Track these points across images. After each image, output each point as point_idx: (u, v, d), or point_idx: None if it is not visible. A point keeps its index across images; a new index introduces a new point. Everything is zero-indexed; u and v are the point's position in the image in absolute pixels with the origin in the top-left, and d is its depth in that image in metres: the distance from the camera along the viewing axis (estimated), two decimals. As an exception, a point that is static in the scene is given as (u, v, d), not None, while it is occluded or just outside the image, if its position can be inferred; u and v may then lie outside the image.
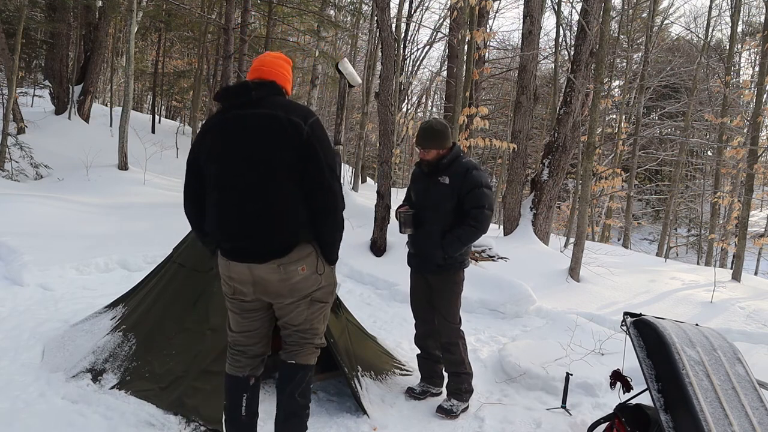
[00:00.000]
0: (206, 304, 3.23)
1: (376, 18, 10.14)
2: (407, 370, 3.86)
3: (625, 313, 3.00)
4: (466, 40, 9.46)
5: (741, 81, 16.31)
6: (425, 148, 3.33)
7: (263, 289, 2.35)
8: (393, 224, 7.02)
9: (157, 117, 17.38)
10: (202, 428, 2.82)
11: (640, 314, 2.97)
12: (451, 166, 3.31)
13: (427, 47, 20.25)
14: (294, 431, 2.45)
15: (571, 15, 17.43)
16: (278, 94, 2.40)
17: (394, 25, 9.65)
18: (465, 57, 9.67)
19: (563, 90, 9.57)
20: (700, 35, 16.78)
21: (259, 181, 2.25)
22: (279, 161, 2.25)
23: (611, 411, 3.05)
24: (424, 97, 23.86)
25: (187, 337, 3.16)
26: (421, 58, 20.41)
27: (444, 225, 3.30)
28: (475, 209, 3.25)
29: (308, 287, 2.37)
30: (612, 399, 3.37)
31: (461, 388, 3.42)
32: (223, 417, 2.53)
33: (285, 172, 2.26)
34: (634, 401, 3.00)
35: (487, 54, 15.73)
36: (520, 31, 12.01)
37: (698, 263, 16.00)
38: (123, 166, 10.55)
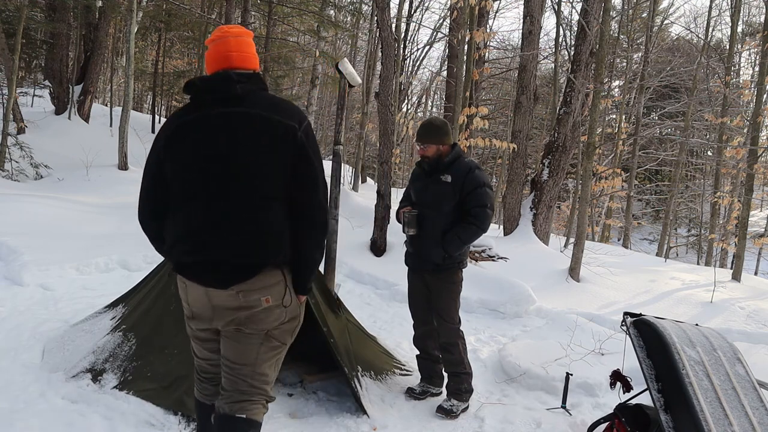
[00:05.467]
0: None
1: (376, 18, 10.13)
2: (407, 370, 3.86)
3: (625, 313, 3.00)
4: (466, 40, 9.46)
5: (741, 81, 16.31)
6: (424, 143, 3.36)
7: (220, 316, 2.02)
8: (393, 224, 7.02)
9: (157, 117, 17.38)
10: (202, 428, 2.82)
11: (640, 314, 2.97)
12: (452, 165, 3.33)
13: (427, 47, 20.28)
14: None
15: (571, 15, 17.44)
16: (263, 89, 2.06)
17: (394, 25, 9.65)
18: (465, 57, 9.66)
19: (563, 90, 9.57)
20: (700, 35, 16.79)
21: (243, 189, 1.94)
22: (267, 169, 1.94)
23: (611, 411, 3.04)
24: (424, 97, 23.84)
25: (188, 338, 3.15)
26: (421, 58, 20.43)
27: (444, 224, 3.31)
28: (477, 208, 3.26)
29: (270, 321, 2.02)
30: (612, 399, 3.37)
31: (461, 388, 3.42)
32: None
33: (272, 182, 1.95)
34: (634, 401, 3.00)
35: (487, 54, 15.73)
36: (520, 31, 12.02)
37: (698, 263, 15.99)
38: (123, 166, 10.55)
